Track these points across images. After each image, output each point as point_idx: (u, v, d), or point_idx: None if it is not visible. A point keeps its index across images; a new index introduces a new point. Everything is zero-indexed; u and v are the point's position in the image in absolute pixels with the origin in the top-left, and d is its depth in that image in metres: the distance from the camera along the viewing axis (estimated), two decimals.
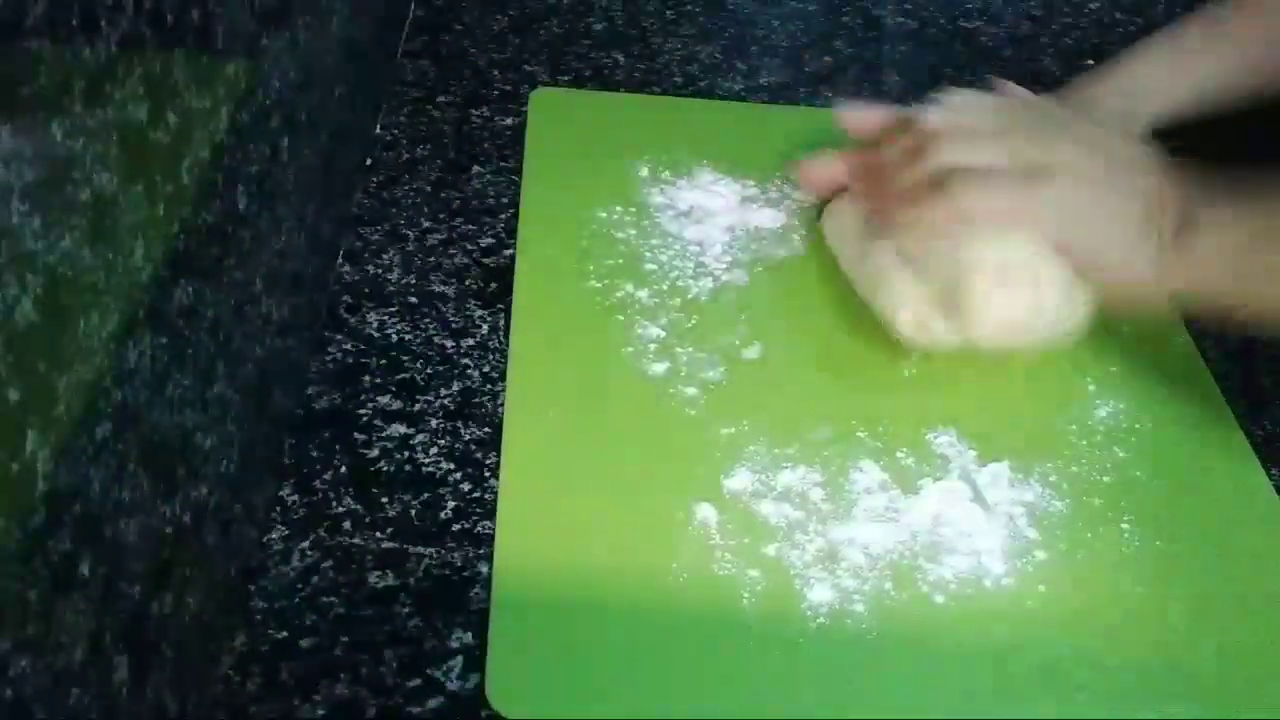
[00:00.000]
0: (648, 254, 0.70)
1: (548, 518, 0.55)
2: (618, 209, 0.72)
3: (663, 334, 0.65)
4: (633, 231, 0.71)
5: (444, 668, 0.50)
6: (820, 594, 0.53)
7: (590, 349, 0.64)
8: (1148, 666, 0.52)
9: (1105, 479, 0.60)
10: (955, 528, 0.57)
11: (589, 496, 0.56)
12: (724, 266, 0.69)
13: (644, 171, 0.75)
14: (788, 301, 0.68)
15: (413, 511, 0.56)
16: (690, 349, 0.64)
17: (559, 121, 0.80)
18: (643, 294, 0.67)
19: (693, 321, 0.66)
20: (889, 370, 0.64)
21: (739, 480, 0.58)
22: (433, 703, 0.49)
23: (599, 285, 0.67)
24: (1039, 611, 0.54)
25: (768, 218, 0.73)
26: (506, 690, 0.49)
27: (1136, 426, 0.63)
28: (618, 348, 0.64)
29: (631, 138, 0.78)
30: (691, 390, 0.62)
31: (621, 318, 0.66)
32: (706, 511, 0.56)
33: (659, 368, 0.63)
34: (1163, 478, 0.60)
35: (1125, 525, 0.58)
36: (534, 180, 0.75)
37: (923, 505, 0.58)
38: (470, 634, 0.51)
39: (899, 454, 0.60)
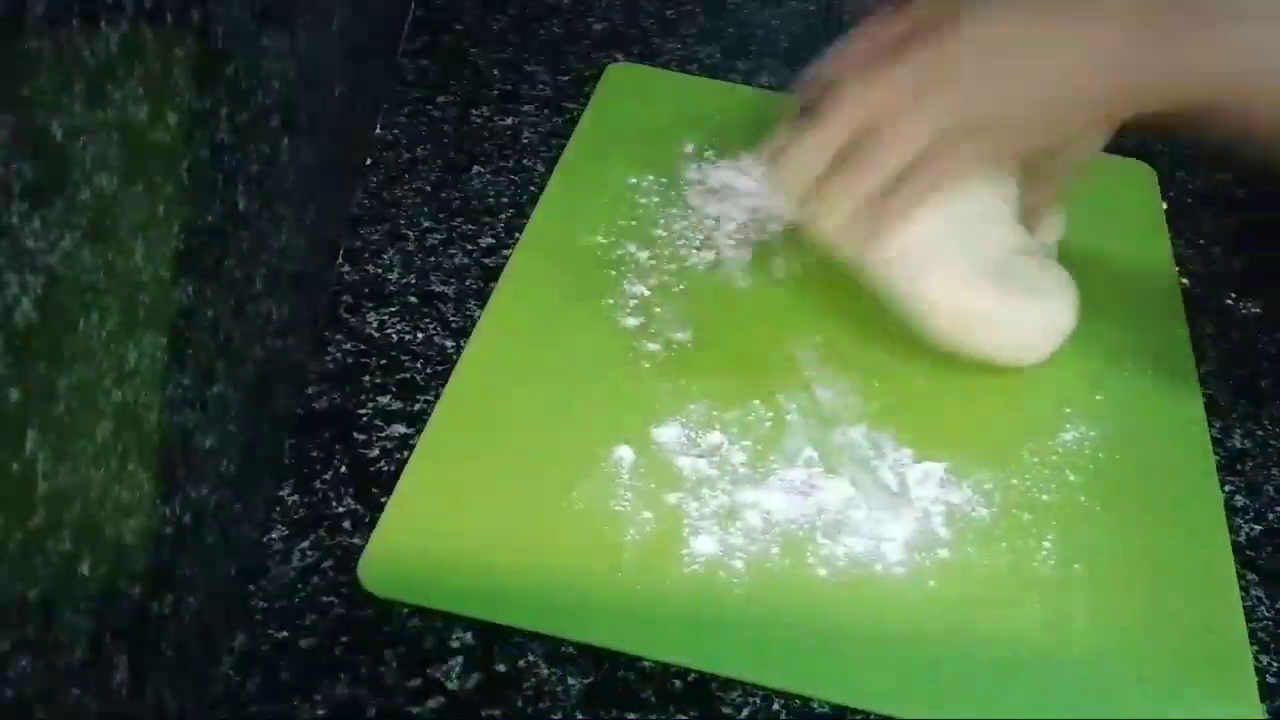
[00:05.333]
0: (661, 220, 0.71)
1: (477, 427, 0.59)
2: (649, 177, 0.74)
3: (647, 293, 0.67)
4: (655, 199, 0.73)
5: (444, 668, 0.50)
6: (703, 545, 0.54)
7: (573, 293, 0.66)
8: (1012, 683, 0.51)
9: (1044, 497, 0.58)
10: (865, 512, 0.56)
11: (521, 417, 0.59)
12: (732, 244, 0.70)
13: (688, 148, 0.77)
14: (781, 284, 0.68)
15: None
16: (668, 309, 0.66)
17: (625, 94, 0.82)
18: (643, 255, 0.69)
19: (681, 286, 0.67)
20: (862, 366, 0.64)
21: (667, 432, 0.59)
22: (433, 703, 0.49)
23: (604, 241, 0.70)
24: (921, 606, 0.53)
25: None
26: (379, 571, 0.52)
27: (1100, 456, 0.61)
28: (600, 297, 0.66)
29: (689, 116, 0.80)
30: (654, 346, 0.63)
31: (614, 272, 0.67)
32: (624, 453, 0.58)
33: (632, 321, 0.65)
34: (1108, 508, 0.59)
35: (1047, 544, 0.56)
36: (579, 141, 0.77)
37: (840, 486, 0.57)
38: (470, 634, 0.51)
39: (836, 438, 0.60)
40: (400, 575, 0.52)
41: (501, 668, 0.50)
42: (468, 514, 0.55)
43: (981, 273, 0.61)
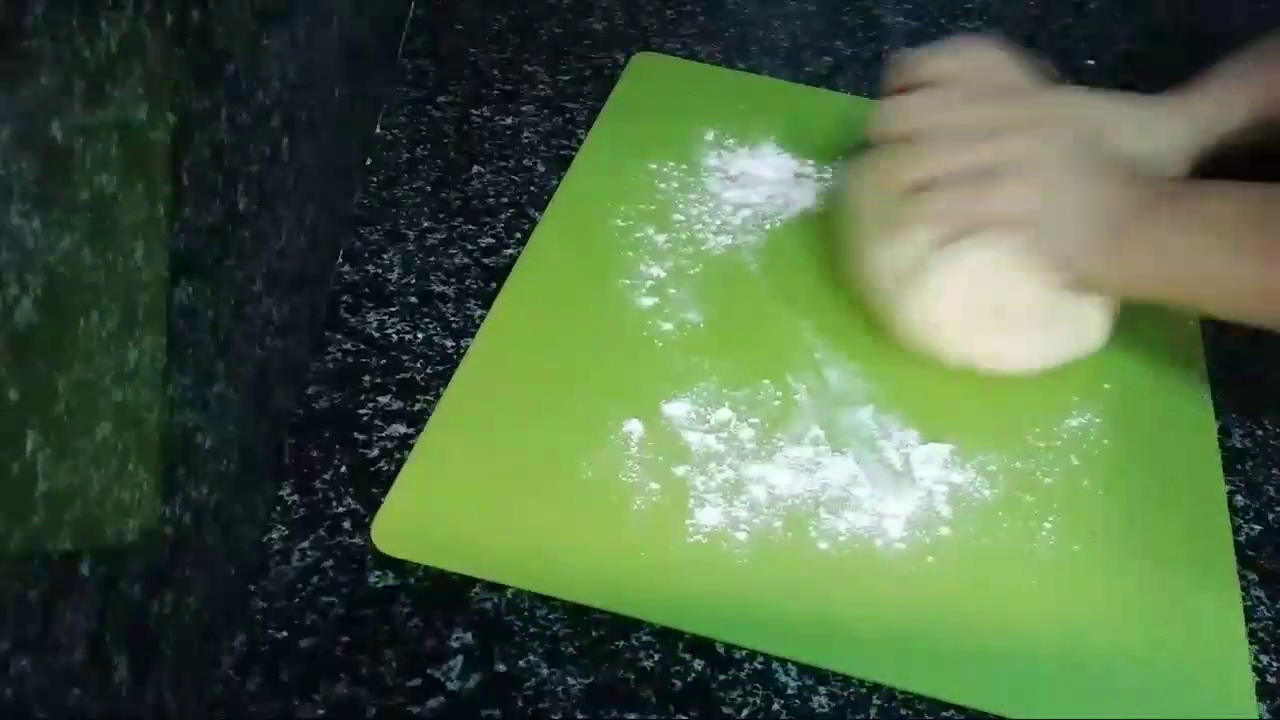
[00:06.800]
0: (680, 205, 0.72)
1: (492, 396, 0.60)
2: (669, 164, 0.75)
3: (663, 274, 0.68)
4: (675, 185, 0.74)
5: (444, 668, 0.50)
6: (708, 516, 0.55)
7: (590, 273, 0.67)
8: (1002, 661, 0.52)
9: (1047, 480, 0.59)
10: (868, 489, 0.57)
11: (535, 388, 0.60)
12: (749, 229, 0.71)
13: (709, 136, 0.78)
14: (795, 268, 0.68)
15: None
16: (682, 291, 0.67)
17: (649, 83, 0.83)
18: (660, 238, 0.70)
19: (697, 269, 0.68)
20: (872, 349, 0.64)
21: (677, 407, 0.60)
22: (433, 703, 0.49)
23: (623, 224, 0.71)
24: (919, 580, 0.54)
25: (811, 196, 0.74)
26: (392, 530, 0.54)
27: (1105, 442, 0.61)
28: (616, 278, 0.67)
29: (711, 105, 0.81)
30: (668, 326, 0.64)
31: (631, 254, 0.69)
32: (634, 427, 0.59)
33: (647, 301, 0.66)
34: (1110, 492, 0.59)
35: (1048, 524, 0.57)
36: (601, 130, 0.78)
37: (845, 464, 0.58)
38: (470, 634, 0.51)
39: (844, 418, 0.60)
40: (412, 537, 0.53)
41: (501, 668, 0.50)
42: (480, 479, 0.56)
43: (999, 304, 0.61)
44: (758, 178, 0.75)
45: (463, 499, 0.55)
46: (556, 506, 0.55)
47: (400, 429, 0.59)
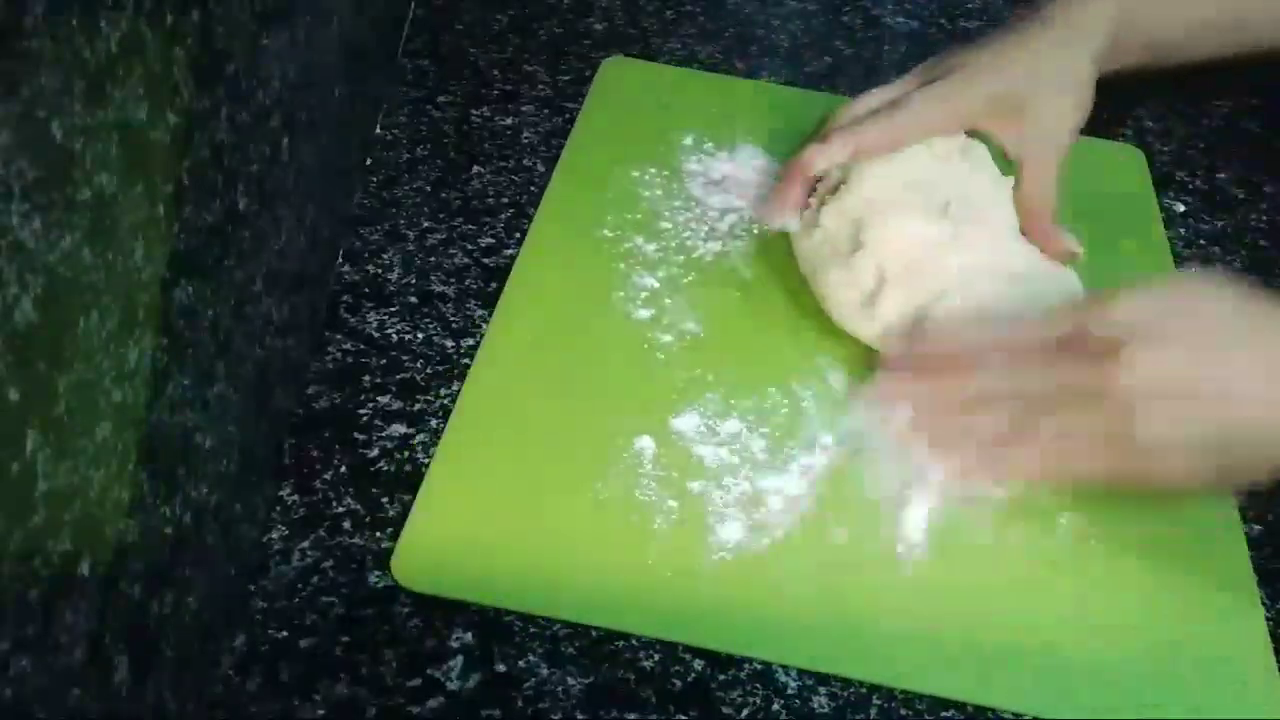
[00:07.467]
0: (666, 213, 0.72)
1: (497, 425, 0.59)
2: (651, 170, 0.75)
3: (656, 285, 0.67)
4: (659, 192, 0.73)
5: (444, 668, 0.50)
6: (730, 532, 0.55)
7: (583, 288, 0.67)
8: (1031, 658, 0.52)
9: None
10: (885, 494, 0.58)
11: (540, 411, 0.60)
12: (736, 234, 0.71)
13: (688, 140, 0.77)
14: (786, 273, 0.68)
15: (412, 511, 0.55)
16: (678, 300, 0.66)
17: (621, 88, 0.82)
18: (650, 248, 0.70)
19: (690, 278, 0.68)
20: (867, 352, 0.64)
21: (686, 421, 0.60)
22: (433, 703, 0.49)
23: (610, 235, 0.70)
24: (942, 583, 0.55)
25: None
26: (413, 565, 0.53)
27: None
28: (610, 291, 0.67)
29: (686, 109, 0.80)
30: (667, 337, 0.64)
31: (622, 266, 0.68)
32: (645, 443, 0.59)
33: (644, 314, 0.65)
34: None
35: (1063, 520, 0.58)
36: (578, 138, 0.77)
37: (858, 469, 0.58)
38: (470, 634, 0.51)
39: (852, 423, 0.60)
40: (434, 571, 0.53)
41: (501, 668, 0.50)
42: (495, 510, 0.55)
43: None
44: (739, 181, 0.75)
45: (481, 529, 0.54)
46: (577, 532, 0.55)
47: (400, 429, 0.59)
